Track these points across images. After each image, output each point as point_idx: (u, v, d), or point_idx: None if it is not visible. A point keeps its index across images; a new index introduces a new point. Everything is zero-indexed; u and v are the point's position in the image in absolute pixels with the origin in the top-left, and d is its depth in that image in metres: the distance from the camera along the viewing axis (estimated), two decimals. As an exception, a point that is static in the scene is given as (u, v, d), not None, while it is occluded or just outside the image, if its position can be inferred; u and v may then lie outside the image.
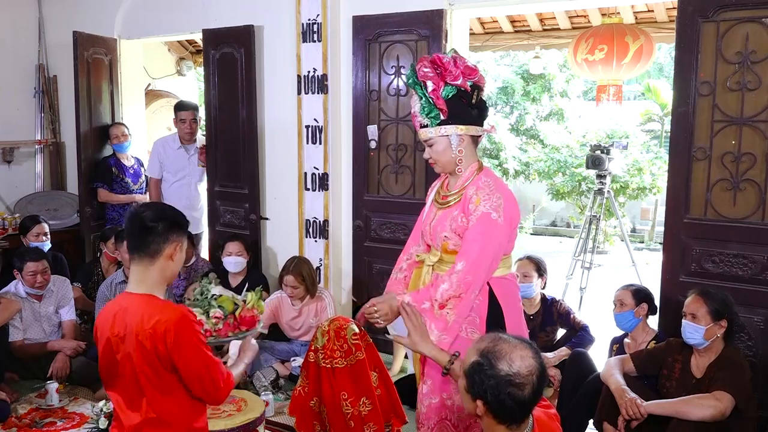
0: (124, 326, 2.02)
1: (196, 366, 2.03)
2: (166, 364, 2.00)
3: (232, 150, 4.79)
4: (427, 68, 2.31)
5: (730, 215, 3.25)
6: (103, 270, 4.66)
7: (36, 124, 5.80)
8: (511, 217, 2.29)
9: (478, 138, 2.42)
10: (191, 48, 7.31)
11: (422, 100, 2.34)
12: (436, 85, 2.29)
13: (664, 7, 4.95)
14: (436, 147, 2.37)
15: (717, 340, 2.76)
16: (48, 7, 5.75)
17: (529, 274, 3.66)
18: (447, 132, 2.33)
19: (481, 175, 2.36)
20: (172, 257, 2.12)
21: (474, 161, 2.40)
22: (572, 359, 3.37)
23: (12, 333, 3.85)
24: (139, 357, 2.00)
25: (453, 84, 2.29)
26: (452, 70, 2.29)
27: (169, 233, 2.11)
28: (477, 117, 2.37)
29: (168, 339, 1.97)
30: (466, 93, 2.32)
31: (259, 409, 2.88)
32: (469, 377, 1.68)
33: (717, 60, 3.22)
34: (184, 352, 1.99)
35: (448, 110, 2.31)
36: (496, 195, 2.27)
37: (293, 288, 3.98)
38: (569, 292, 5.70)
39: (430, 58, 2.33)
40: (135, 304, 2.05)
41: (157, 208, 2.18)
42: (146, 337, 1.97)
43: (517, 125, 10.99)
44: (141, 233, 2.09)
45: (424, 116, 2.35)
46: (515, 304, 2.44)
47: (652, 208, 10.15)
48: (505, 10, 4.79)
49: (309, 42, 4.32)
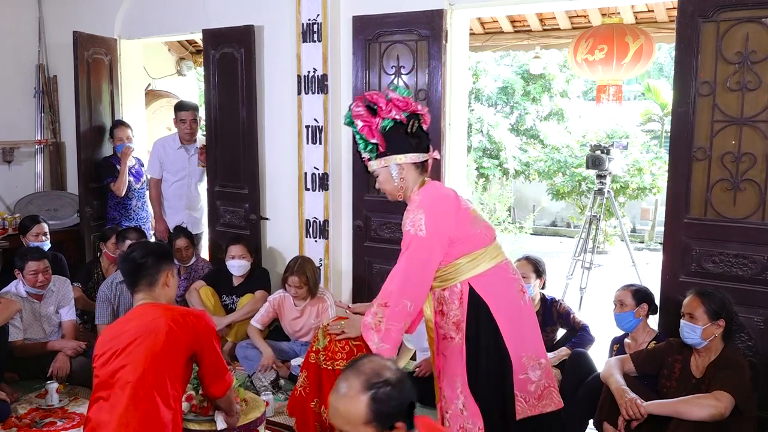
0: (143, 327, 2.32)
1: (215, 353, 2.43)
2: (189, 351, 2.35)
3: (232, 150, 4.79)
4: (359, 108, 2.53)
5: (730, 215, 3.25)
6: (104, 270, 4.66)
7: (36, 124, 5.80)
8: (436, 225, 2.45)
9: (424, 164, 2.58)
10: (191, 48, 7.31)
11: (357, 137, 2.56)
12: (368, 122, 2.50)
13: (664, 7, 4.94)
14: (380, 177, 2.58)
15: (716, 340, 2.76)
16: (48, 7, 5.75)
17: (527, 275, 3.65)
18: (386, 163, 2.54)
19: (415, 195, 2.54)
20: (167, 284, 2.50)
21: (417, 185, 2.57)
22: (572, 359, 3.37)
23: (12, 333, 3.84)
24: (157, 352, 2.27)
25: (388, 117, 2.48)
26: (383, 106, 2.49)
27: (159, 265, 2.48)
28: (417, 145, 2.55)
29: (199, 327, 2.36)
30: (403, 124, 2.51)
31: (259, 409, 2.88)
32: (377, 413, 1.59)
33: (717, 60, 3.22)
34: (209, 339, 2.40)
35: (386, 142, 2.51)
36: (418, 212, 2.47)
37: (297, 288, 3.98)
38: (569, 292, 5.70)
39: (363, 98, 2.56)
40: (154, 309, 2.38)
41: (142, 246, 2.58)
42: (179, 325, 2.32)
43: (517, 125, 10.99)
44: (136, 271, 2.46)
45: (364, 152, 2.57)
46: (503, 295, 2.54)
47: (652, 208, 10.15)
48: (505, 10, 4.79)
49: (309, 42, 4.32)
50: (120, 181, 5.03)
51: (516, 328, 2.53)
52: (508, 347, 2.50)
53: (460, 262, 2.52)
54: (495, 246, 2.58)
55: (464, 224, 2.52)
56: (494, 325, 2.49)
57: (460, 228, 2.51)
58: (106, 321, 4.11)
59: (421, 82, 4.08)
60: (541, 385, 2.56)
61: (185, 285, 4.66)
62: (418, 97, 4.09)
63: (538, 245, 9.47)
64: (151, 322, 2.32)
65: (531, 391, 2.54)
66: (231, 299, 4.48)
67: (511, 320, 2.52)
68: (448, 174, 4.17)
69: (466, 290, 2.50)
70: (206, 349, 2.39)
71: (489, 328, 2.49)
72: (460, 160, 4.47)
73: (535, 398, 2.54)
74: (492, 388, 2.52)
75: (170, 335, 2.29)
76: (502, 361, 2.51)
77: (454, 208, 2.54)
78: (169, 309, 2.39)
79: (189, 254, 4.73)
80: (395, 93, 2.54)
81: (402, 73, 4.13)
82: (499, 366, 2.51)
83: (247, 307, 4.30)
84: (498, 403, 2.53)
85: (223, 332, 4.32)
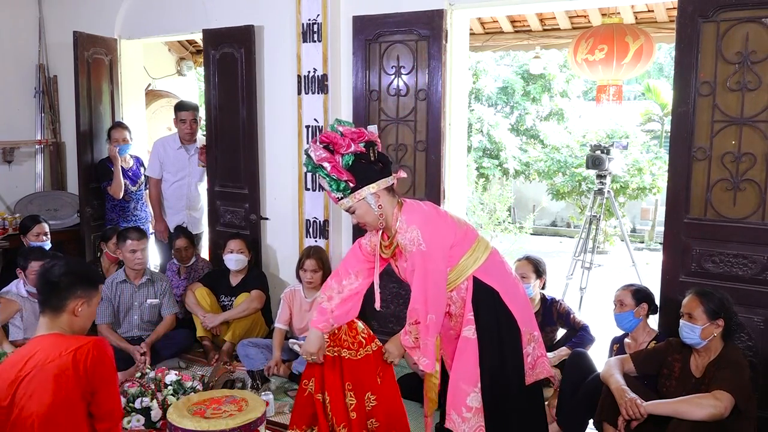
0: (35, 364, 2.08)
1: (110, 396, 2.18)
2: (84, 388, 2.09)
3: (232, 150, 4.79)
4: (320, 151, 2.49)
5: (730, 215, 3.25)
6: (104, 270, 4.66)
7: (36, 124, 5.80)
8: (432, 236, 2.50)
9: (392, 186, 2.61)
10: (191, 48, 7.31)
11: (327, 179, 2.51)
12: (333, 162, 2.48)
13: (664, 7, 4.95)
14: (359, 212, 2.57)
15: (715, 340, 2.76)
16: (48, 7, 5.75)
17: (527, 275, 3.66)
18: (362, 196, 2.53)
19: (398, 219, 2.56)
20: (74, 312, 2.22)
21: (394, 207, 2.59)
22: (572, 359, 3.37)
23: (12, 333, 3.85)
24: (48, 391, 2.04)
25: (348, 153, 2.47)
26: (341, 143, 2.47)
27: (73, 288, 2.21)
28: (383, 169, 2.57)
29: (89, 359, 2.09)
30: (364, 154, 2.51)
31: (259, 409, 2.87)
32: None
33: (717, 60, 3.22)
34: (102, 368, 2.13)
35: (354, 176, 2.50)
36: (411, 230, 2.51)
37: (313, 272, 4.03)
38: (569, 292, 5.70)
39: (319, 140, 2.52)
40: (47, 341, 2.13)
41: (65, 264, 2.28)
42: (67, 364, 2.06)
43: (517, 125, 10.99)
44: (45, 287, 2.21)
45: (336, 192, 2.53)
46: (503, 277, 2.63)
47: (652, 208, 10.15)
48: (505, 10, 4.79)
49: (309, 42, 4.32)
50: (115, 184, 5.03)
51: (519, 306, 2.63)
52: (519, 325, 2.61)
53: (462, 262, 2.58)
54: (480, 238, 2.67)
55: (452, 229, 2.59)
56: (505, 307, 2.59)
57: (454, 232, 2.58)
58: (106, 320, 4.13)
59: (421, 82, 4.08)
60: (535, 354, 2.68)
61: (185, 285, 4.67)
62: (418, 97, 4.10)
63: (538, 245, 9.47)
64: (42, 366, 2.06)
65: (528, 362, 2.65)
66: (229, 299, 4.49)
67: (514, 299, 2.62)
68: (448, 174, 4.17)
69: (471, 284, 2.57)
70: (100, 392, 2.14)
71: (504, 315, 2.59)
72: (460, 160, 4.47)
73: (530, 368, 2.66)
74: (511, 375, 2.61)
75: (60, 382, 2.04)
76: (517, 346, 2.61)
77: (442, 218, 2.62)
78: (60, 349, 2.09)
79: (189, 254, 4.74)
80: (343, 126, 2.54)
81: (402, 73, 4.13)
82: (515, 352, 2.61)
83: (242, 305, 4.32)
84: (516, 391, 2.61)
85: (220, 331, 4.33)
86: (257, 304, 4.37)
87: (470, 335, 2.58)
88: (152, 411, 3.19)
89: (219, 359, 4.19)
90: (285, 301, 4.20)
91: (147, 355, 3.98)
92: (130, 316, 4.24)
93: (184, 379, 3.44)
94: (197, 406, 2.85)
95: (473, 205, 8.70)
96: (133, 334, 4.22)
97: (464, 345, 2.59)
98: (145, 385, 3.31)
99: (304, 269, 4.07)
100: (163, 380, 3.39)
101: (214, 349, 4.35)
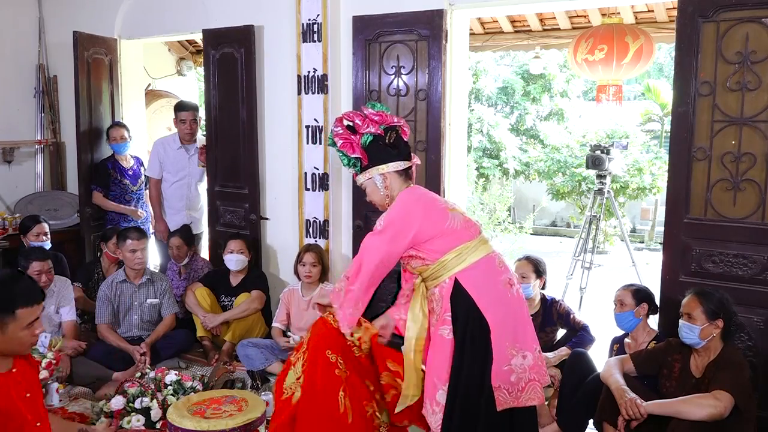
0: None
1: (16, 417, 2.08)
2: None
3: (232, 150, 4.79)
4: (338, 128, 2.70)
5: (730, 215, 3.25)
6: (104, 270, 4.66)
7: (36, 124, 5.79)
8: (397, 217, 2.58)
9: (408, 171, 2.73)
10: (191, 48, 7.31)
11: (339, 153, 2.72)
12: (348, 139, 2.67)
13: (664, 7, 4.95)
14: (368, 190, 2.74)
15: (714, 340, 2.76)
16: (48, 7, 5.75)
17: (526, 275, 3.66)
18: (370, 175, 2.70)
19: None
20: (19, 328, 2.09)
21: (402, 191, 2.69)
22: (572, 359, 3.37)
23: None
24: None
25: (366, 132, 2.66)
26: (360, 123, 2.67)
27: (10, 303, 2.08)
28: (398, 154, 2.70)
29: None
30: (382, 136, 2.68)
31: (259, 409, 2.88)
32: None
33: (717, 60, 3.22)
34: None
35: (368, 156, 2.68)
36: (390, 210, 2.63)
37: (312, 266, 4.08)
38: (569, 292, 5.70)
39: (342, 118, 2.72)
40: None
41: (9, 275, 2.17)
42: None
43: (517, 125, 11.00)
44: None
45: (348, 166, 2.74)
46: (489, 287, 2.58)
47: (652, 208, 10.15)
48: (505, 10, 4.79)
49: (309, 42, 4.32)
50: (103, 204, 5.11)
51: (502, 320, 2.55)
52: (492, 339, 2.52)
53: (446, 258, 2.57)
54: (480, 239, 2.63)
55: (437, 221, 2.59)
56: (482, 318, 2.53)
57: (433, 225, 2.58)
58: (106, 320, 4.13)
59: (421, 82, 4.08)
60: (525, 377, 2.56)
61: (185, 285, 4.67)
62: (418, 97, 4.10)
63: (538, 245, 9.46)
64: None
65: (512, 381, 2.53)
66: (229, 299, 4.49)
67: (496, 312, 2.54)
68: (448, 174, 4.17)
69: (451, 285, 2.57)
70: None
71: (477, 322, 2.53)
72: (461, 160, 4.47)
73: (518, 389, 2.55)
74: (474, 379, 2.54)
75: None
76: (486, 354, 2.53)
77: (425, 207, 2.62)
78: None
79: (182, 253, 4.73)
80: (370, 109, 2.70)
81: (402, 73, 4.13)
82: (482, 359, 2.54)
83: (242, 306, 4.33)
84: (476, 395, 2.55)
85: (220, 331, 4.34)
86: (257, 305, 4.37)
87: (446, 335, 2.57)
88: (152, 411, 3.19)
89: (219, 359, 4.18)
90: (283, 302, 4.23)
91: (147, 355, 3.98)
92: (129, 316, 4.24)
93: (184, 379, 3.44)
94: (197, 406, 2.85)
95: (473, 205, 8.70)
96: (133, 334, 4.22)
97: (440, 343, 2.59)
98: (145, 385, 3.31)
99: (302, 263, 4.10)
100: (163, 380, 3.39)
101: (214, 349, 4.35)
